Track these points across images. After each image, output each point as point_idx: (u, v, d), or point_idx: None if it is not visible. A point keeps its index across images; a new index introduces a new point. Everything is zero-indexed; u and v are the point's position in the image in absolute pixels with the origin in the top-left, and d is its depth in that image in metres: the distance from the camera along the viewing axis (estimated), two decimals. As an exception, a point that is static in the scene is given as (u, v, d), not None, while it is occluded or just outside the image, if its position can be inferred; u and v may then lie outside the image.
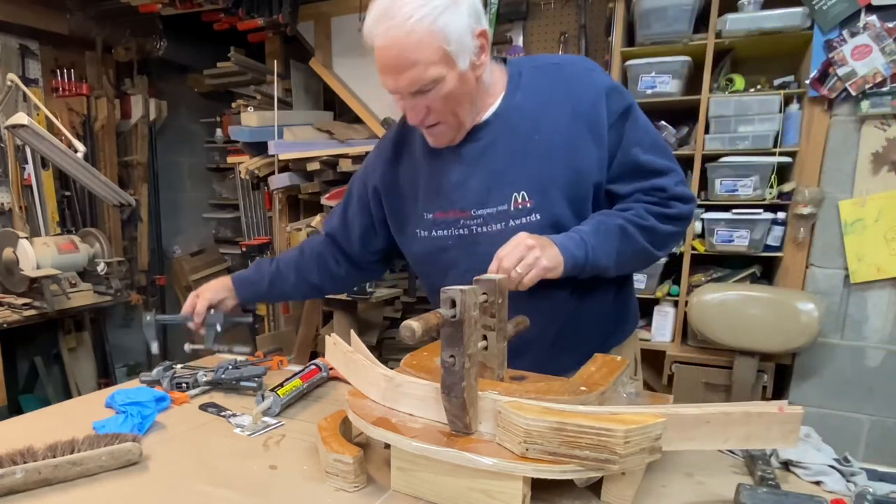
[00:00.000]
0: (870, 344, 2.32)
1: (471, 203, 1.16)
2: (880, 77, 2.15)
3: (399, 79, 1.02)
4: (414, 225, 1.24)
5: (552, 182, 1.12)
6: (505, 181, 1.14)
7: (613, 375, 0.98)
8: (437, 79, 1.02)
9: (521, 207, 1.13)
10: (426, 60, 1.00)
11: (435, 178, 1.20)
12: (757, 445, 0.82)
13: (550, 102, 1.12)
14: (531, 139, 1.12)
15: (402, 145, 1.27)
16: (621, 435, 0.74)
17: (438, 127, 1.11)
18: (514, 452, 0.80)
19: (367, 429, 0.89)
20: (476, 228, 1.17)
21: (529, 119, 1.13)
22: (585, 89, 1.12)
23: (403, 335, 0.77)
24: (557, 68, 1.16)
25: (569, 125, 1.11)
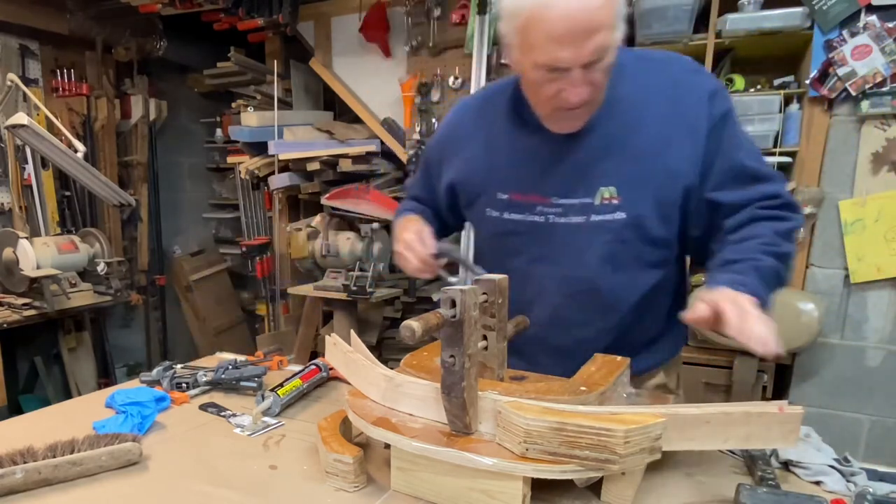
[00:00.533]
0: (870, 344, 2.32)
1: (553, 190, 1.10)
2: (880, 77, 2.15)
3: (584, 45, 0.91)
4: (484, 203, 1.18)
5: (643, 181, 1.06)
6: (594, 173, 1.08)
7: (613, 375, 0.98)
8: (612, 44, 0.94)
9: (607, 203, 1.07)
10: (609, 22, 0.92)
11: (518, 157, 1.13)
12: (757, 445, 0.83)
13: (652, 98, 1.07)
14: (628, 134, 1.06)
15: (485, 115, 1.20)
16: (621, 435, 0.74)
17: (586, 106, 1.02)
18: (514, 452, 0.80)
19: (367, 429, 0.89)
20: (553, 217, 1.11)
21: (629, 112, 1.07)
22: (689, 90, 1.06)
23: (403, 335, 0.77)
24: (663, 64, 1.11)
25: (668, 124, 1.05)
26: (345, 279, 3.01)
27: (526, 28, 0.94)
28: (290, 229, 3.22)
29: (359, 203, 3.04)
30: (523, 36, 0.96)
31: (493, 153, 1.17)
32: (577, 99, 0.98)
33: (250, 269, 3.61)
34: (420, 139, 3.04)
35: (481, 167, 1.19)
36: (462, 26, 2.94)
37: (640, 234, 1.08)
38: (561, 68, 0.95)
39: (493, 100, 1.20)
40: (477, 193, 1.20)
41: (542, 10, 0.90)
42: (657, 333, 1.23)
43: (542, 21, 0.91)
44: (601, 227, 1.08)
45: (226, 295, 4.60)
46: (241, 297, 4.68)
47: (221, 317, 4.50)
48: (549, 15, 0.90)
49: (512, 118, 1.15)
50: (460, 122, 1.25)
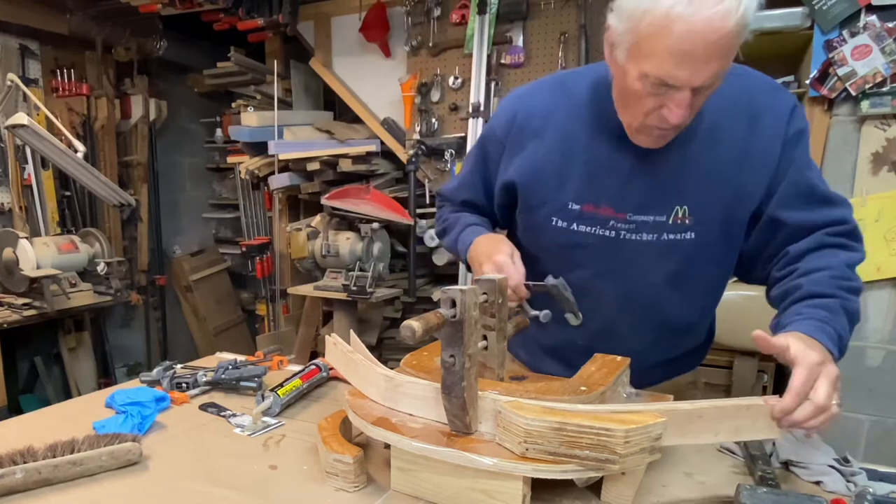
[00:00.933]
0: (870, 344, 2.32)
1: (629, 206, 1.07)
2: (880, 77, 2.15)
3: (702, 70, 0.87)
4: (550, 210, 1.12)
5: (715, 202, 1.04)
6: (671, 191, 1.05)
7: (613, 375, 0.98)
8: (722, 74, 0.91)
9: (680, 223, 1.05)
10: (728, 55, 0.88)
11: (595, 167, 1.08)
12: (746, 437, 0.85)
13: (730, 115, 1.03)
14: (705, 152, 1.03)
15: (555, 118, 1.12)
16: (621, 435, 0.74)
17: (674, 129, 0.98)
18: (514, 452, 0.80)
19: (367, 429, 0.89)
20: (625, 234, 1.08)
21: (708, 129, 1.03)
22: (768, 108, 1.03)
23: (404, 335, 0.77)
24: (741, 79, 1.06)
25: (744, 144, 1.02)
26: (345, 279, 3.01)
27: (647, 33, 0.88)
28: (290, 229, 3.22)
29: (359, 203, 3.04)
30: (640, 40, 0.89)
31: (567, 159, 1.10)
32: (677, 120, 0.93)
33: (250, 269, 3.61)
34: (420, 139, 3.04)
35: (552, 172, 1.11)
36: (462, 26, 2.94)
37: (706, 255, 1.07)
38: (671, 85, 0.90)
39: (568, 95, 1.12)
40: (543, 199, 1.13)
41: (673, 21, 0.84)
42: (698, 345, 1.26)
43: (668, 32, 0.85)
44: (671, 247, 1.06)
45: (226, 295, 4.60)
46: (241, 297, 4.68)
47: (221, 317, 4.50)
48: (677, 28, 0.84)
49: (591, 122, 1.09)
50: (527, 114, 1.15)
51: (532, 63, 2.89)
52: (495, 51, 2.89)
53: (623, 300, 1.12)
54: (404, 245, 3.21)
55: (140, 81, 3.95)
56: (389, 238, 3.17)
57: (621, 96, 1.01)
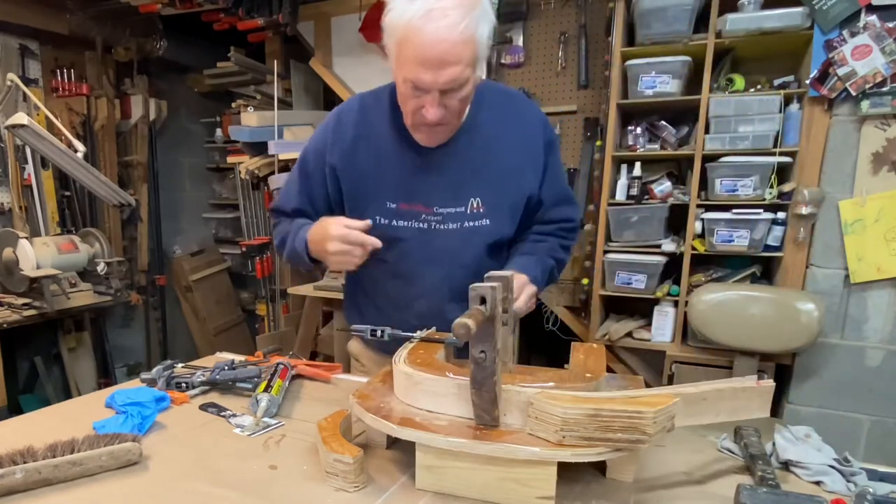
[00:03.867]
0: (870, 344, 2.32)
1: (435, 201, 1.28)
2: (880, 77, 2.15)
3: (440, 74, 1.07)
4: (374, 210, 1.29)
5: (501, 193, 1.29)
6: (466, 186, 1.28)
7: (603, 361, 1.04)
8: (467, 79, 1.11)
9: (476, 212, 1.28)
10: (466, 61, 1.08)
11: (404, 170, 1.28)
12: (742, 417, 0.92)
13: (507, 126, 1.29)
14: (489, 155, 1.28)
15: (362, 130, 1.30)
16: (651, 416, 0.79)
17: (442, 127, 1.20)
18: (548, 441, 0.84)
19: (395, 431, 0.90)
20: (435, 224, 1.29)
21: (491, 136, 1.28)
22: (530, 119, 1.32)
23: (458, 333, 0.77)
24: (512, 98, 1.35)
25: (518, 148, 1.29)
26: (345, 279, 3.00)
27: (401, 44, 1.09)
28: (290, 229, 3.21)
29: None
30: (399, 50, 1.10)
31: (381, 163, 1.29)
32: (432, 118, 1.13)
33: (250, 269, 3.61)
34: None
35: (371, 176, 1.29)
36: (462, 26, 2.93)
37: (500, 235, 1.32)
38: (422, 88, 1.10)
39: (370, 110, 1.32)
40: (367, 201, 1.30)
41: (415, 33, 1.05)
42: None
43: (412, 43, 1.06)
44: (472, 232, 1.29)
45: (226, 295, 4.60)
46: (241, 297, 4.68)
47: (221, 317, 4.51)
48: (418, 39, 1.05)
49: (394, 129, 1.28)
50: (340, 128, 1.33)
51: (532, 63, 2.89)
52: (495, 51, 2.89)
53: (445, 281, 1.31)
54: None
55: (140, 81, 3.95)
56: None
57: (399, 100, 1.21)
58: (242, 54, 3.60)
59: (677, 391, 0.88)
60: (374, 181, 1.29)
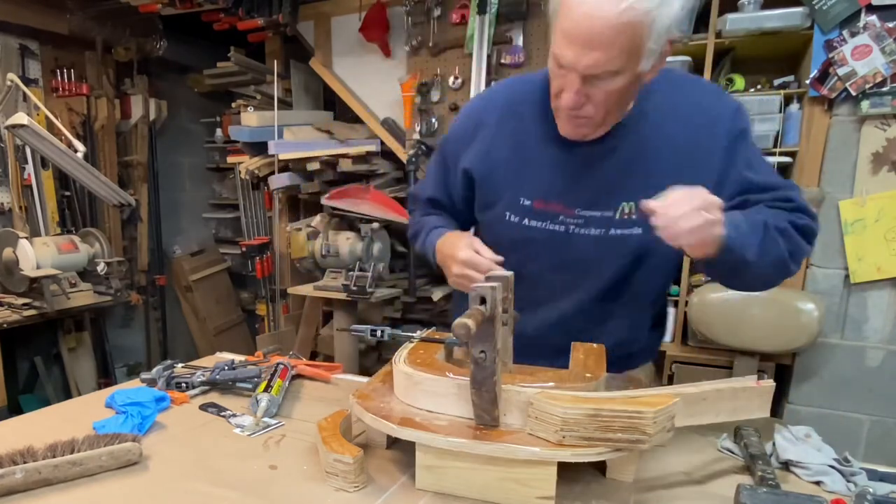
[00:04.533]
0: (870, 344, 2.32)
1: (577, 202, 1.12)
2: (880, 77, 2.15)
3: (584, 55, 0.92)
4: (505, 206, 1.17)
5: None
6: (617, 188, 1.10)
7: (603, 361, 1.03)
8: (618, 71, 0.94)
9: (626, 219, 1.10)
10: (620, 48, 0.91)
11: (546, 165, 1.14)
12: (741, 417, 0.92)
13: (677, 118, 1.09)
14: (651, 151, 1.09)
15: (512, 114, 1.17)
16: (651, 416, 0.79)
17: (584, 119, 1.03)
18: (548, 441, 0.84)
19: (394, 431, 0.90)
20: (573, 228, 1.13)
21: (655, 130, 1.09)
22: (712, 113, 1.09)
23: (458, 333, 0.77)
24: (688, 86, 1.14)
25: (689, 146, 1.08)
26: (345, 279, 3.01)
27: (556, 12, 0.96)
28: (290, 229, 3.22)
29: (359, 203, 3.04)
30: (554, 19, 0.97)
31: (522, 156, 1.15)
32: (567, 103, 0.99)
33: (250, 269, 3.61)
34: (420, 139, 3.04)
35: (507, 168, 1.17)
36: (462, 26, 2.94)
37: (652, 250, 1.10)
38: (563, 65, 0.96)
39: (521, 95, 1.18)
40: (499, 195, 1.18)
41: (567, 6, 0.92)
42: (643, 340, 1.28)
43: (565, 16, 0.93)
44: (618, 241, 1.11)
45: (226, 295, 4.60)
46: (241, 297, 4.68)
47: (221, 317, 4.50)
48: (572, 11, 0.91)
49: (542, 121, 1.13)
50: (483, 114, 1.21)
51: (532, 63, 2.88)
52: (495, 51, 2.89)
53: (575, 292, 1.18)
54: (404, 245, 3.21)
55: (140, 81, 3.95)
56: (389, 238, 3.17)
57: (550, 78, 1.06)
58: (242, 54, 3.60)
59: (677, 391, 0.88)
60: (512, 173, 1.16)
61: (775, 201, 1.06)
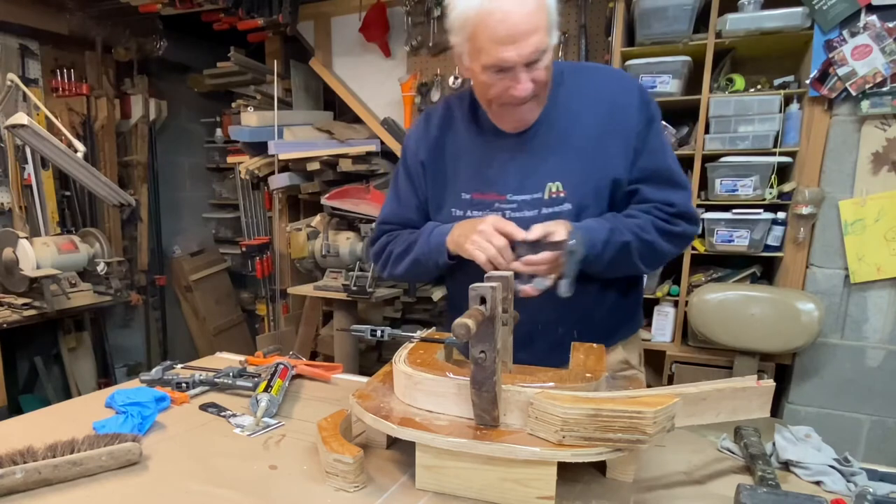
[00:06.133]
0: (870, 344, 2.32)
1: (508, 188, 1.21)
2: (880, 77, 2.15)
3: (523, 45, 1.05)
4: (451, 204, 1.27)
5: (584, 175, 1.19)
6: (542, 171, 1.20)
7: (603, 361, 1.04)
8: (548, 46, 1.08)
9: (555, 197, 1.19)
10: (543, 27, 1.06)
11: (478, 159, 1.25)
12: (741, 417, 0.92)
13: (588, 102, 1.20)
14: (568, 135, 1.20)
15: (448, 123, 1.30)
16: (651, 416, 0.79)
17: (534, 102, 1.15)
18: (548, 441, 0.84)
19: (394, 431, 0.90)
20: (509, 213, 1.21)
21: (569, 116, 1.20)
22: (621, 93, 1.20)
23: (458, 333, 0.77)
24: (596, 72, 1.27)
25: (603, 126, 1.18)
26: (345, 279, 3.01)
27: (473, 35, 1.08)
28: (290, 229, 3.22)
29: (359, 203, 3.04)
30: (472, 43, 1.09)
31: (457, 157, 1.28)
32: (522, 94, 1.10)
33: (250, 269, 3.61)
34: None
35: (447, 172, 1.29)
36: (462, 26, 2.93)
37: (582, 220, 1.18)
38: (506, 68, 1.08)
39: (453, 108, 1.32)
40: (444, 195, 1.29)
41: (485, 17, 1.04)
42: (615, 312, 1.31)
43: (485, 27, 1.05)
44: (551, 219, 1.16)
45: (226, 295, 4.60)
46: (241, 297, 4.68)
47: (221, 317, 4.50)
48: (490, 20, 1.04)
49: (471, 125, 1.27)
50: (428, 126, 1.33)
51: (532, 63, 2.89)
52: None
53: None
54: (404, 245, 3.20)
55: (140, 81, 3.95)
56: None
57: (479, 94, 1.19)
58: (242, 54, 3.60)
59: (677, 391, 0.88)
60: (453, 174, 1.28)
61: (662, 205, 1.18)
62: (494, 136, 1.23)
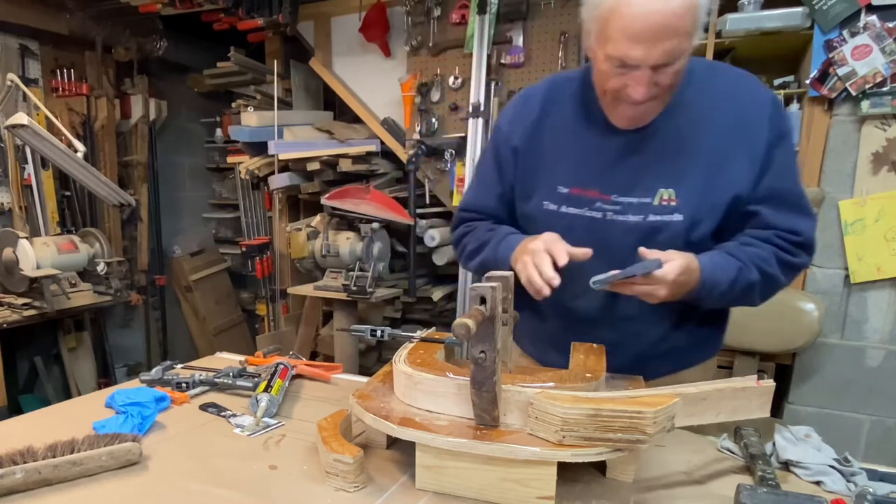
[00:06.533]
0: (870, 344, 2.32)
1: (614, 187, 1.12)
2: (880, 77, 2.15)
3: (654, 47, 0.94)
4: (542, 196, 1.18)
5: (701, 186, 1.08)
6: (655, 174, 1.10)
7: (602, 361, 1.03)
8: (684, 52, 0.97)
9: (665, 205, 1.09)
10: (685, 31, 0.95)
11: (582, 150, 1.14)
12: (741, 417, 0.92)
13: (717, 107, 1.09)
14: (690, 140, 1.09)
15: (551, 106, 1.19)
16: (651, 416, 0.79)
17: (651, 104, 1.04)
18: (548, 441, 0.84)
19: (394, 431, 0.90)
20: (610, 214, 1.12)
21: (694, 118, 1.09)
22: (752, 103, 1.09)
23: (458, 333, 0.77)
24: (729, 74, 1.14)
25: (729, 135, 1.08)
26: (345, 279, 3.01)
27: (605, 19, 0.97)
28: (290, 229, 3.22)
29: (359, 203, 3.04)
30: (601, 26, 0.98)
31: (558, 145, 1.17)
32: (639, 97, 1.00)
33: (250, 269, 3.61)
34: (420, 139, 3.04)
35: (546, 156, 1.18)
36: (462, 26, 2.93)
37: (694, 235, 1.09)
38: (630, 65, 0.97)
39: (559, 90, 1.20)
40: (536, 185, 1.19)
41: (624, 5, 0.93)
42: (699, 332, 1.24)
43: (621, 15, 0.94)
44: (657, 228, 1.09)
45: (226, 295, 4.60)
46: (241, 297, 4.68)
47: (221, 317, 4.50)
48: (628, 11, 0.93)
49: (579, 111, 1.16)
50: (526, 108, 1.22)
51: (532, 63, 2.88)
52: (495, 51, 2.89)
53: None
54: (404, 245, 3.21)
55: (140, 81, 3.95)
56: (389, 238, 3.17)
57: (596, 79, 1.08)
58: (242, 54, 3.60)
59: (677, 391, 0.88)
60: (551, 163, 1.17)
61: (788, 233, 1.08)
62: (605, 128, 1.12)
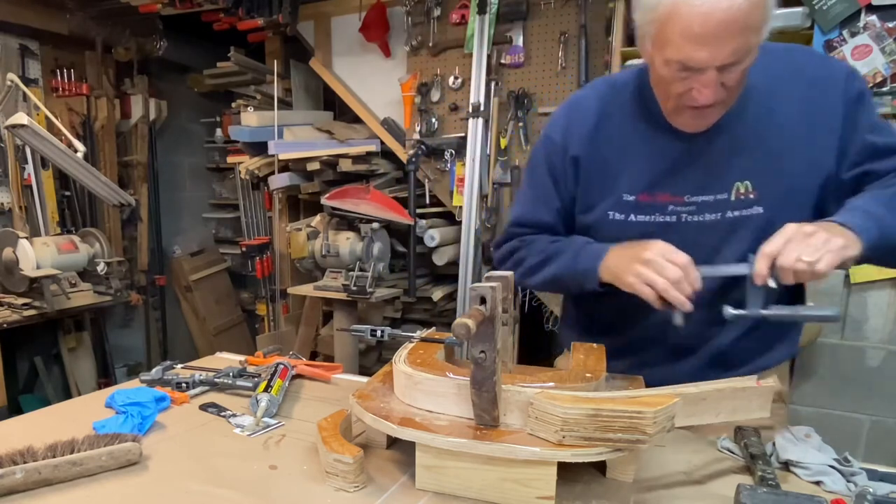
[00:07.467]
0: (870, 344, 2.32)
1: (686, 188, 1.06)
2: (880, 77, 2.15)
3: (720, 48, 0.88)
4: (606, 206, 1.11)
5: (780, 173, 1.03)
6: (728, 169, 1.05)
7: (602, 361, 1.03)
8: (755, 47, 0.91)
9: (743, 199, 1.04)
10: (753, 27, 0.88)
11: (646, 155, 1.09)
12: (741, 417, 0.92)
13: (782, 89, 1.04)
14: (761, 127, 1.03)
15: (606, 112, 1.13)
16: (651, 416, 0.79)
17: (718, 106, 0.98)
18: (549, 441, 0.84)
19: (394, 431, 0.90)
20: (686, 216, 1.07)
21: (761, 105, 1.04)
22: (822, 77, 1.04)
23: (458, 333, 0.77)
24: (790, 53, 1.08)
25: (803, 114, 1.02)
26: (345, 279, 3.00)
27: (663, 21, 0.91)
28: (290, 229, 3.22)
29: (359, 203, 3.04)
30: (658, 28, 0.92)
31: (619, 152, 1.11)
32: (706, 100, 0.95)
33: (250, 269, 3.61)
34: (420, 139, 3.04)
35: (605, 168, 1.12)
36: (462, 26, 2.94)
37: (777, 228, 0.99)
38: (694, 68, 0.92)
39: (616, 93, 1.14)
40: (598, 196, 1.13)
41: (683, 6, 0.87)
42: (775, 334, 1.19)
43: (680, 17, 0.88)
44: (737, 224, 1.05)
45: (226, 295, 4.60)
46: (241, 297, 4.68)
47: (221, 317, 4.50)
48: (689, 11, 0.87)
49: (637, 115, 1.10)
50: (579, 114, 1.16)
51: (532, 63, 2.89)
52: (495, 51, 2.89)
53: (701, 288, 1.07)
54: (404, 245, 3.21)
55: (140, 81, 3.95)
56: (389, 238, 3.17)
57: (655, 84, 1.03)
58: (242, 54, 3.60)
59: (677, 391, 0.88)
60: (613, 171, 1.11)
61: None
62: (668, 130, 1.06)
